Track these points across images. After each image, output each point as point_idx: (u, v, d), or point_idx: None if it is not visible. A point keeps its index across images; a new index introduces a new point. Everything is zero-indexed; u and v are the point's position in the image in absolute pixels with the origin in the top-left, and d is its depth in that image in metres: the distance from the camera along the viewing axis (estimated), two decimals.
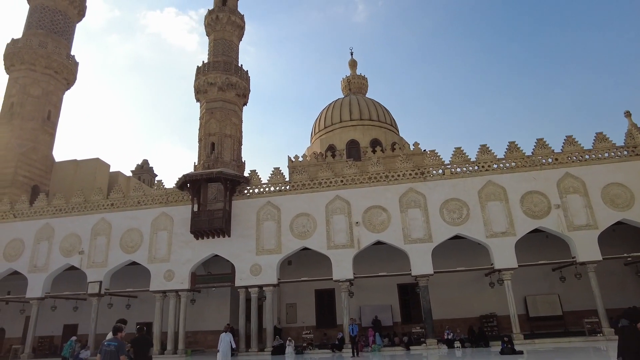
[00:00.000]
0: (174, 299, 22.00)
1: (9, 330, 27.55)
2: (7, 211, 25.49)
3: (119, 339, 7.24)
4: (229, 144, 28.03)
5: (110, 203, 24.08)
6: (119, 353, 6.93)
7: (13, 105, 33.73)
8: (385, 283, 23.77)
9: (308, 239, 21.39)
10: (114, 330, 7.46)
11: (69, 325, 27.00)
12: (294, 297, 25.07)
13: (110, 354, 6.92)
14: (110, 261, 22.99)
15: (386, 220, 21.00)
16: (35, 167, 33.06)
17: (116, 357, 6.89)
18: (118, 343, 7.09)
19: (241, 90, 29.39)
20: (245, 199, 22.78)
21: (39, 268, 23.93)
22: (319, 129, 34.06)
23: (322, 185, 22.08)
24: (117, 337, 7.29)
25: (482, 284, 23.11)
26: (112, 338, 7.35)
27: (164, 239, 22.70)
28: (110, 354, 6.91)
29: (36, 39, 35.35)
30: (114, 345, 6.99)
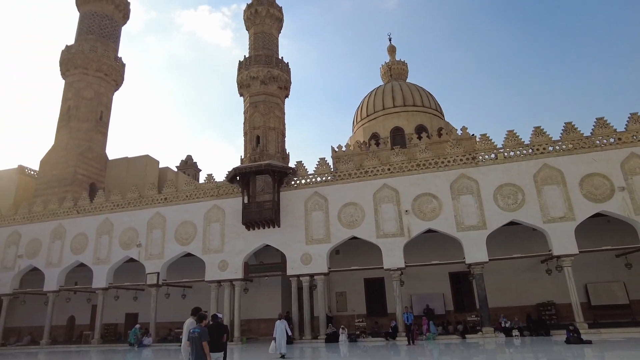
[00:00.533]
0: (229, 288, 22.70)
1: (79, 317, 29.49)
2: (71, 208, 27.12)
3: (202, 326, 7.58)
4: (273, 136, 28.42)
5: (164, 197, 25.07)
6: (201, 339, 7.28)
7: (70, 109, 35.71)
8: (437, 271, 23.43)
9: (356, 228, 21.37)
10: (199, 318, 7.81)
11: (130, 314, 28.54)
12: (344, 285, 25.23)
13: (194, 340, 7.30)
14: (167, 253, 24.00)
15: (437, 207, 20.62)
16: (92, 166, 34.93)
17: (199, 343, 7.27)
18: (201, 330, 7.46)
19: (283, 83, 29.62)
20: (293, 190, 23.03)
21: (101, 260, 25.37)
22: (361, 117, 33.79)
23: (369, 174, 21.94)
24: (201, 325, 7.62)
25: (539, 271, 22.28)
26: (197, 325, 7.68)
27: (216, 230, 23.41)
28: (194, 340, 7.29)
29: (87, 44, 37.10)
30: (197, 332, 7.36)
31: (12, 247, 27.77)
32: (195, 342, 7.31)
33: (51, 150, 34.90)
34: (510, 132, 21.27)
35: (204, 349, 7.24)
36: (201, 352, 7.25)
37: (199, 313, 8.03)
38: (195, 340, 7.32)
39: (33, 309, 29.17)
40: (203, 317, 7.85)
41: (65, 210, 27.27)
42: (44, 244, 27.06)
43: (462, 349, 16.26)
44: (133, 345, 22.62)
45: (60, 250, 26.54)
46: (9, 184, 35.15)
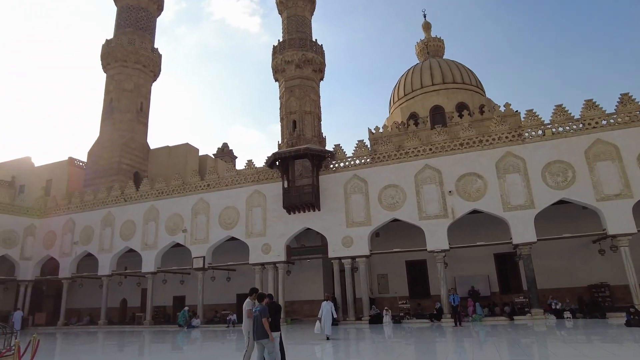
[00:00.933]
0: (272, 270, 23.15)
1: (130, 300, 31.05)
2: (118, 196, 28.31)
3: (262, 305, 7.81)
4: (309, 120, 28.38)
5: (207, 184, 25.69)
6: (262, 316, 7.54)
7: (112, 101, 36.97)
8: (481, 253, 22.91)
9: (398, 210, 21.15)
10: (259, 297, 8.04)
11: (177, 297, 29.76)
12: (385, 268, 25.16)
13: (257, 319, 7.62)
14: (211, 237, 24.70)
15: (482, 187, 20.03)
16: (135, 155, 36.19)
17: (260, 320, 7.58)
18: (262, 308, 7.70)
19: (317, 66, 29.38)
20: (332, 173, 22.99)
21: (149, 246, 26.45)
22: (398, 97, 33.07)
23: (410, 155, 21.55)
24: (261, 304, 7.85)
25: (590, 251, 21.37)
26: (258, 304, 7.90)
27: (258, 214, 23.82)
28: (257, 318, 7.56)
29: (125, 37, 38.07)
30: (259, 310, 7.60)
31: (68, 234, 29.40)
32: (256, 320, 7.59)
33: (97, 142, 36.39)
34: (558, 107, 20.23)
35: (264, 326, 7.48)
36: (262, 329, 7.50)
37: (258, 293, 8.27)
38: (257, 317, 7.60)
39: (90, 292, 30.97)
40: (263, 296, 8.09)
41: (113, 198, 28.50)
42: (96, 231, 28.48)
43: (510, 330, 15.91)
44: (182, 326, 23.59)
45: (111, 236, 27.86)
46: (61, 175, 37.07)
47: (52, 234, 30.27)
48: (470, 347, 12.23)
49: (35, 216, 30.98)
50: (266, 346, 7.61)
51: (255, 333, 7.63)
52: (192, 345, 16.28)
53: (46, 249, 30.25)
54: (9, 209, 29.56)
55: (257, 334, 7.60)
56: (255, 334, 7.63)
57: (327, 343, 13.43)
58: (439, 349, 12.32)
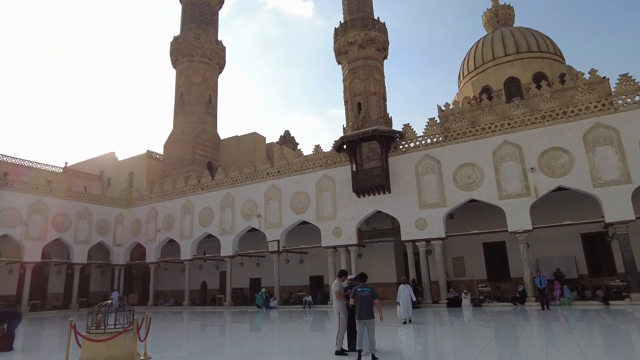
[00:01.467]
0: (344, 253, 23.35)
1: (210, 282, 33.00)
2: (195, 185, 29.95)
3: (369, 285, 7.93)
4: (374, 101, 27.89)
5: (277, 170, 26.33)
6: (372, 297, 7.69)
7: (182, 95, 38.87)
8: (567, 233, 21.42)
9: (475, 190, 20.26)
10: (362, 277, 8.24)
11: (253, 279, 31.13)
12: (461, 250, 24.39)
13: (365, 299, 7.72)
14: (284, 222, 25.39)
15: (568, 162, 18.56)
16: (207, 146, 37.94)
17: (370, 301, 7.71)
18: (371, 289, 7.76)
19: (381, 44, 28.67)
20: (401, 154, 22.50)
21: (226, 231, 27.78)
22: (468, 70, 31.36)
23: (486, 131, 20.45)
24: (365, 284, 7.98)
25: None
26: (363, 284, 8.00)
27: (328, 199, 24.04)
28: (365, 298, 7.67)
29: (191, 32, 39.65)
30: (368, 291, 7.72)
31: (152, 222, 31.73)
32: (365, 300, 7.70)
33: (171, 135, 38.60)
34: None
35: (376, 306, 7.72)
36: (372, 309, 7.65)
37: (360, 273, 8.42)
38: (366, 299, 7.71)
39: (173, 275, 33.32)
40: (365, 276, 8.37)
41: (191, 187, 30.19)
42: (177, 218, 30.42)
43: (606, 315, 14.74)
44: (261, 307, 24.66)
45: (191, 223, 29.63)
46: (141, 167, 39.91)
47: (138, 222, 32.83)
48: (560, 332, 11.52)
49: (123, 206, 33.73)
50: (368, 326, 7.68)
51: (360, 312, 7.70)
52: (273, 325, 16.94)
53: (133, 236, 32.92)
54: (101, 200, 32.44)
55: (362, 313, 7.68)
56: (360, 313, 7.69)
57: (409, 326, 13.31)
58: (531, 333, 11.72)
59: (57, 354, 10.31)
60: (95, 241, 31.52)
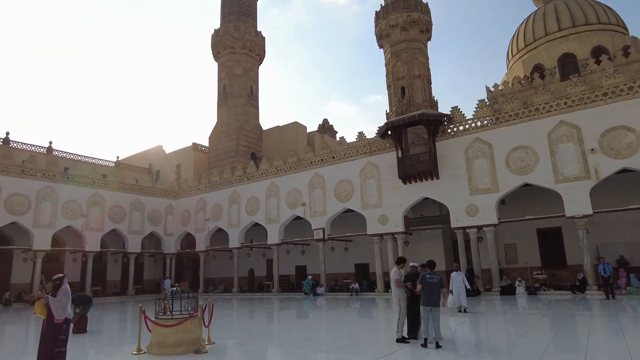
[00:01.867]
0: (391, 241, 23.09)
1: (257, 270, 33.80)
2: (241, 175, 30.57)
3: (436, 273, 7.85)
4: (418, 85, 27.15)
5: (320, 159, 26.32)
6: (441, 285, 7.64)
7: (225, 87, 39.54)
8: (630, 217, 20.01)
9: (529, 174, 19.33)
10: (430, 265, 8.24)
11: (299, 266, 31.54)
12: (513, 237, 23.48)
13: (434, 286, 7.66)
14: (329, 210, 25.43)
15: (634, 141, 17.26)
16: (250, 137, 38.54)
17: (438, 289, 7.65)
18: (440, 277, 7.66)
19: (424, 26, 27.76)
20: (449, 138, 21.80)
21: (272, 219, 28.22)
22: (518, 49, 29.71)
23: (540, 112, 19.37)
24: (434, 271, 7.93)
25: None
26: (432, 272, 7.93)
27: (373, 186, 23.79)
28: (434, 285, 7.64)
29: (231, 24, 40.11)
30: (437, 278, 7.63)
31: (201, 212, 32.76)
32: (434, 287, 7.64)
33: (215, 127, 39.48)
34: None
35: (442, 295, 7.71)
36: (439, 297, 7.63)
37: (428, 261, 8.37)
38: (435, 286, 7.66)
39: (221, 263, 34.38)
40: (433, 264, 8.32)
41: (237, 178, 30.83)
42: (224, 208, 31.23)
43: None
44: (308, 294, 24.95)
45: (238, 212, 30.33)
46: (188, 160, 41.21)
47: (187, 213, 34.00)
48: (630, 323, 10.79)
49: (172, 197, 35.03)
50: (434, 314, 7.58)
51: (427, 299, 7.65)
52: (328, 312, 17.04)
53: (183, 226, 34.16)
54: (152, 191, 33.82)
55: (429, 300, 7.63)
56: (427, 300, 7.65)
57: (464, 315, 12.97)
58: (600, 323, 11.07)
59: (128, 337, 10.89)
60: (148, 231, 32.99)
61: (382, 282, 23.22)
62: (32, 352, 7.46)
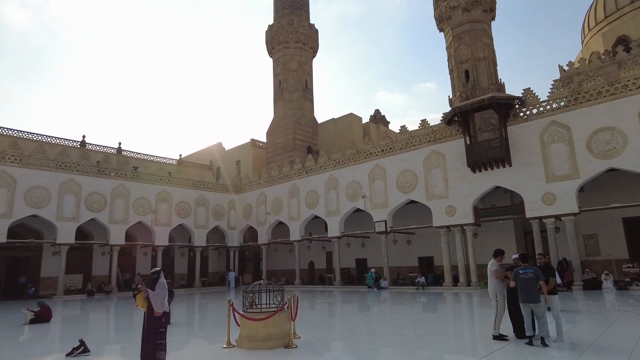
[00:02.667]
0: (459, 233, 22.14)
1: (316, 262, 33.99)
2: (300, 169, 30.69)
3: (533, 267, 7.35)
4: (483, 67, 25.74)
5: (380, 149, 25.75)
6: (537, 279, 7.11)
7: (280, 82, 39.86)
8: None
9: (616, 158, 17.62)
10: (522, 258, 7.71)
11: (359, 259, 31.28)
12: (593, 227, 21.68)
13: (529, 281, 7.15)
14: (390, 202, 24.85)
15: None
16: (306, 131, 38.62)
17: (534, 283, 7.10)
18: (535, 270, 7.15)
19: (488, 5, 26.24)
20: (522, 122, 20.40)
21: (332, 212, 28.10)
22: (596, 22, 27.15)
23: (629, 88, 17.56)
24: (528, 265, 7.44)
25: None
26: (526, 265, 7.41)
27: (438, 176, 22.90)
28: (528, 281, 7.16)
29: (284, 18, 40.24)
30: (531, 272, 7.12)
31: (262, 206, 33.38)
32: (529, 283, 7.13)
33: (272, 122, 39.98)
34: None
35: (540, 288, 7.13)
36: (535, 292, 7.07)
37: (522, 254, 7.77)
38: (531, 281, 7.13)
39: (282, 256, 34.92)
40: (525, 257, 7.71)
41: (296, 171, 31.02)
42: (284, 201, 31.57)
43: None
44: (372, 287, 24.60)
45: (298, 206, 30.54)
46: (247, 155, 42.13)
47: (249, 207, 34.78)
48: None
49: (234, 192, 35.97)
50: (535, 310, 7.03)
51: (523, 296, 7.16)
52: (399, 305, 16.63)
53: (245, 220, 35.00)
54: (215, 187, 34.94)
55: (525, 296, 7.14)
56: (523, 296, 7.15)
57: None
58: None
59: (211, 329, 11.14)
60: (212, 225, 34.14)
61: (449, 275, 22.36)
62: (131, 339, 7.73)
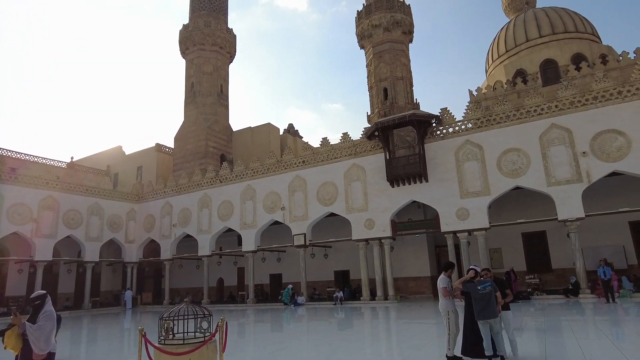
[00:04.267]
0: (377, 246, 22.13)
1: (226, 279, 31.79)
2: (213, 178, 28.58)
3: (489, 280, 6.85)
4: (401, 87, 26.63)
5: (302, 160, 25.00)
6: (494, 291, 6.74)
7: (193, 85, 37.37)
8: (613, 221, 20.28)
9: (521, 177, 19.04)
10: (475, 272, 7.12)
11: (274, 275, 29.92)
12: (497, 241, 23.23)
13: (486, 296, 6.68)
14: (310, 214, 24.12)
15: (624, 145, 17.35)
16: (219, 138, 36.53)
17: (493, 297, 6.72)
18: (491, 283, 6.66)
19: (407, 27, 27.36)
20: (439, 140, 21.24)
21: (248, 225, 26.48)
22: (499, 54, 29.96)
23: (531, 114, 19.20)
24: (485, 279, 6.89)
25: None
26: (482, 280, 6.85)
27: (358, 189, 22.78)
28: (486, 295, 6.57)
29: (201, 19, 38.08)
30: (489, 286, 6.61)
31: (167, 217, 30.37)
32: (487, 297, 6.67)
33: (182, 127, 37.14)
34: None
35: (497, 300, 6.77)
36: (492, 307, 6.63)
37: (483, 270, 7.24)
38: (487, 295, 6.66)
39: (188, 272, 32.09)
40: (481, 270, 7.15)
41: (209, 180, 28.83)
42: (194, 212, 29.07)
43: None
44: (288, 304, 23.46)
45: (209, 217, 28.30)
46: (150, 161, 38.48)
47: (151, 218, 31.47)
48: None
49: (134, 201, 32.36)
50: (494, 327, 6.58)
51: (482, 312, 6.60)
52: (328, 324, 15.72)
53: (146, 232, 31.56)
54: (112, 194, 31.03)
55: (485, 312, 6.61)
56: (484, 312, 6.59)
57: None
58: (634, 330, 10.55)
59: None
60: (107, 238, 30.15)
61: (367, 289, 22.17)
62: None
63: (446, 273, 7.48)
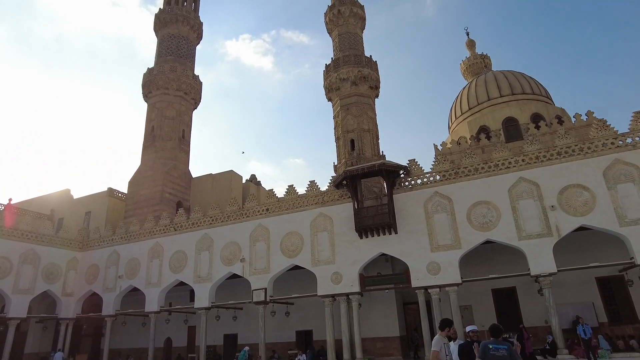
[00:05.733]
0: (344, 303, 20.61)
1: (175, 339, 28.59)
2: (167, 225, 26.46)
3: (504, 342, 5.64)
4: (368, 139, 26.59)
5: (265, 208, 23.69)
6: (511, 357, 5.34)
7: (154, 129, 35.95)
8: (581, 277, 20.07)
9: (492, 230, 18.66)
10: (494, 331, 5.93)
11: (228, 335, 27.25)
12: (467, 298, 22.26)
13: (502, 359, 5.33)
14: (273, 267, 22.43)
15: (590, 200, 17.52)
16: (177, 184, 34.71)
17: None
18: (507, 346, 5.46)
19: (374, 82, 27.91)
20: (407, 191, 20.77)
21: (202, 278, 24.25)
22: (462, 111, 31.01)
23: (500, 168, 19.27)
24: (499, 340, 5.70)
25: None
26: (498, 340, 5.69)
27: (325, 240, 21.57)
28: (501, 358, 5.32)
29: (167, 64, 37.55)
30: (505, 349, 5.41)
31: (112, 267, 27.50)
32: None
33: (138, 171, 35.11)
34: None
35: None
36: None
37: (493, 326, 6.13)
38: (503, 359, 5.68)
39: (132, 331, 28.69)
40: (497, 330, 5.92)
41: (162, 228, 26.66)
42: (143, 263, 26.50)
43: None
44: None
45: (159, 269, 25.81)
46: (101, 207, 35.68)
47: (95, 268, 28.43)
48: None
49: (77, 249, 29.35)
50: None
51: None
52: None
53: (88, 284, 28.35)
54: (52, 240, 27.98)
55: None
56: None
57: None
58: None
59: None
60: (40, 290, 26.66)
61: (333, 351, 20.28)
62: None
63: (443, 332, 6.35)
